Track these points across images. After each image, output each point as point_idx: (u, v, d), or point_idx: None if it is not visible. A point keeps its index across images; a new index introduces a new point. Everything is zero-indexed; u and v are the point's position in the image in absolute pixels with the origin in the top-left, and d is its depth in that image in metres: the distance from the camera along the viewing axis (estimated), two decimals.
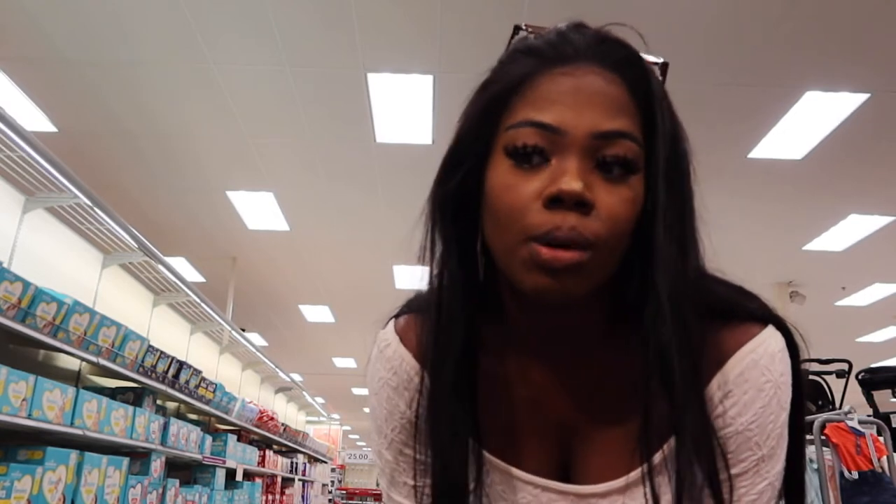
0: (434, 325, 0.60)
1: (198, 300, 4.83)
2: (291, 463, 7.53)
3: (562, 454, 0.62)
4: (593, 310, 0.59)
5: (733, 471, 0.55)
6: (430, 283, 0.61)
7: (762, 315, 0.58)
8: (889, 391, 4.33)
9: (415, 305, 0.66)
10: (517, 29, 0.60)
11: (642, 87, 0.54)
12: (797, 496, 0.60)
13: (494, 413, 0.63)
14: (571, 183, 0.50)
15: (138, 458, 3.49)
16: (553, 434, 0.62)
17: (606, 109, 0.52)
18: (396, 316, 0.67)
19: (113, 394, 3.63)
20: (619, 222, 0.52)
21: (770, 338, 0.57)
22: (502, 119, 0.55)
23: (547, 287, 0.52)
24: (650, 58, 0.58)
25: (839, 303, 7.95)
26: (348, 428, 21.19)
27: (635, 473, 0.58)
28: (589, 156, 0.52)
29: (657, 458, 0.57)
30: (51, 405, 2.63)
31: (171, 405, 4.64)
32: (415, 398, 0.63)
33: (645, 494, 0.56)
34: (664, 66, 0.59)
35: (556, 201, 0.51)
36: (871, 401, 4.27)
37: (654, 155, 0.54)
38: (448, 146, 0.60)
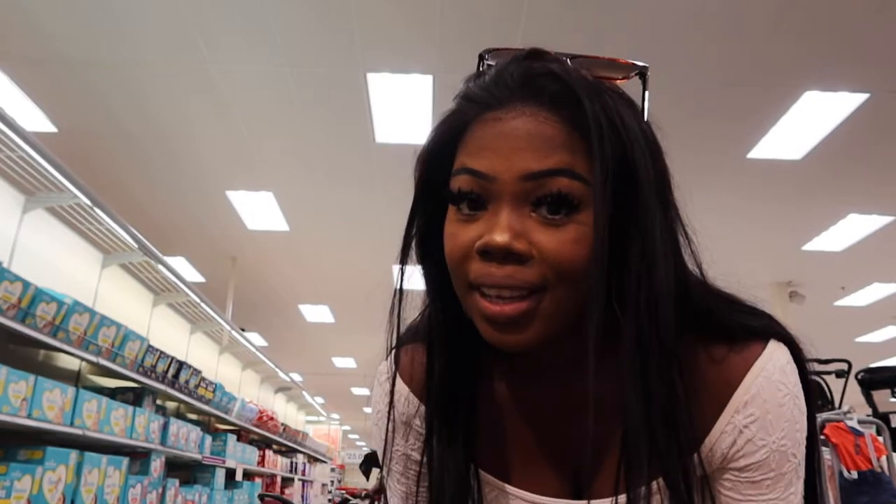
0: (427, 357, 0.61)
1: (198, 300, 4.84)
2: (291, 463, 7.53)
3: (572, 473, 0.62)
4: (575, 341, 0.56)
5: (781, 483, 0.56)
6: (420, 316, 0.62)
7: (763, 331, 0.58)
8: (888, 391, 4.34)
9: (411, 336, 0.66)
10: (481, 57, 0.60)
11: (581, 119, 0.51)
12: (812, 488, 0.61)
13: (500, 438, 0.63)
14: (497, 236, 0.50)
15: (138, 457, 3.50)
16: (559, 454, 0.62)
17: (537, 150, 0.51)
18: (395, 347, 0.67)
19: (113, 394, 3.63)
20: (564, 264, 0.50)
21: (775, 352, 0.57)
22: (453, 162, 0.56)
23: (499, 340, 0.52)
24: (625, 63, 0.58)
25: (838, 303, 7.95)
26: (348, 428, 21.19)
27: (643, 490, 0.56)
28: (523, 201, 0.51)
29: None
30: (51, 405, 2.63)
31: (170, 405, 4.64)
32: (410, 431, 0.63)
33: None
34: (643, 71, 0.58)
35: (486, 253, 0.51)
36: (870, 401, 4.28)
37: (597, 189, 0.50)
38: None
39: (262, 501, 3.93)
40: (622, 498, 0.56)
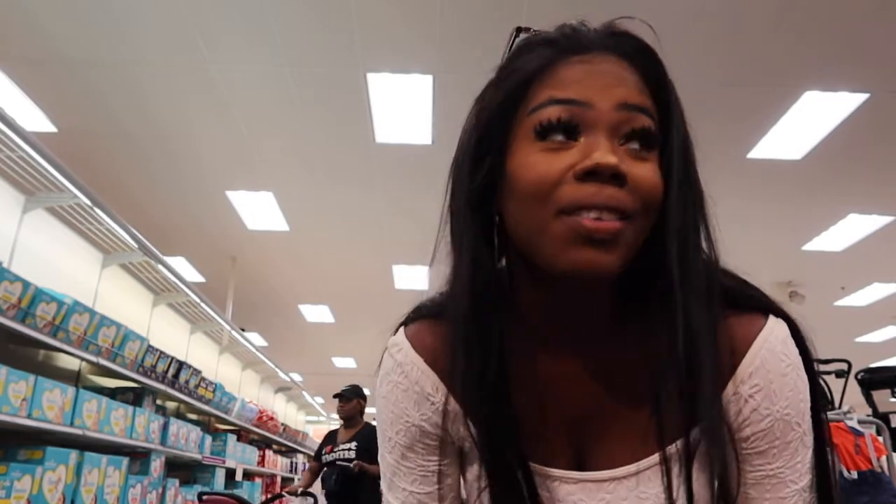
0: (471, 329, 0.58)
1: (197, 300, 4.84)
2: (291, 463, 7.53)
3: (574, 444, 0.62)
4: (607, 295, 0.59)
5: (787, 451, 0.57)
6: (457, 285, 0.60)
7: (763, 305, 0.60)
8: (888, 391, 4.33)
9: (425, 312, 0.65)
10: (519, 30, 0.61)
11: (655, 75, 0.56)
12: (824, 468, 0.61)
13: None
14: (607, 156, 0.51)
15: (138, 457, 3.50)
16: (565, 424, 0.62)
17: (628, 88, 0.54)
18: (406, 323, 0.67)
19: (113, 394, 3.64)
20: (651, 193, 0.53)
21: (776, 326, 0.59)
22: (521, 107, 0.56)
23: (590, 260, 0.52)
24: None
25: (838, 303, 7.95)
26: None
27: (652, 459, 0.59)
28: (615, 132, 0.53)
29: (678, 445, 0.58)
30: (51, 405, 2.63)
31: (170, 405, 4.64)
32: (423, 404, 0.62)
33: (663, 473, 0.57)
34: None
35: (591, 174, 0.52)
36: (870, 401, 4.27)
37: (670, 138, 0.56)
38: (465, 142, 0.60)
39: (200, 501, 3.75)
40: (631, 467, 0.59)
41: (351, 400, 4.36)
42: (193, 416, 5.19)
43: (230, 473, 5.10)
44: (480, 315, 0.58)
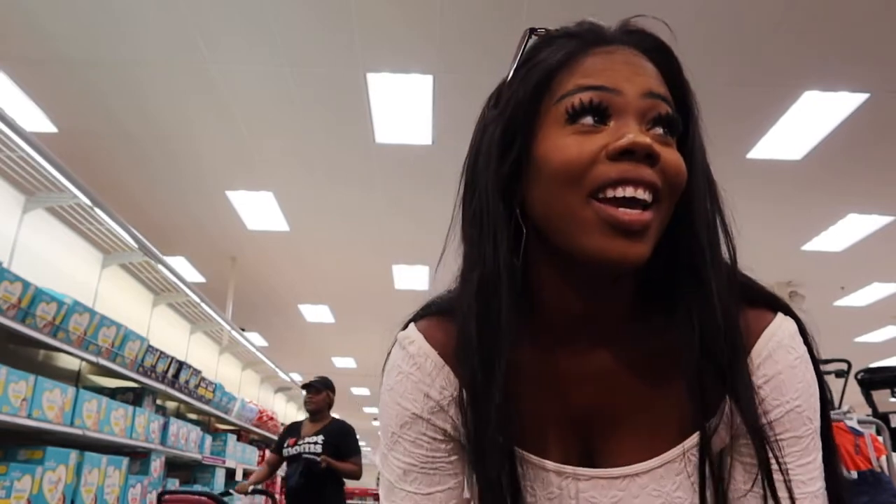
0: (486, 322, 0.57)
1: (197, 300, 4.84)
2: None
3: (582, 441, 0.61)
4: (630, 285, 0.59)
5: (798, 447, 0.57)
6: (473, 274, 0.58)
7: (771, 301, 0.61)
8: (888, 391, 4.33)
9: (435, 309, 0.65)
10: (532, 32, 0.61)
11: (672, 71, 0.59)
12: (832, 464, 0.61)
13: (517, 407, 0.62)
14: (641, 136, 0.52)
15: (138, 457, 3.50)
16: (574, 421, 0.61)
17: (651, 78, 0.56)
18: (415, 319, 0.66)
19: (113, 394, 3.64)
20: (679, 176, 0.54)
21: (784, 321, 0.60)
22: (546, 98, 0.57)
23: (619, 250, 0.52)
24: None
25: (838, 303, 7.95)
26: None
27: (666, 455, 0.59)
28: (642, 118, 0.54)
29: (689, 442, 0.58)
30: (51, 405, 2.63)
31: (170, 405, 4.64)
32: (433, 397, 0.61)
33: (706, 462, 0.57)
34: None
35: (626, 153, 0.52)
36: (869, 400, 4.27)
37: (689, 130, 0.58)
38: (487, 134, 0.60)
39: (160, 501, 3.57)
40: (644, 464, 0.59)
41: (321, 391, 4.11)
42: (193, 416, 5.19)
43: (230, 473, 5.11)
44: (493, 304, 0.57)
